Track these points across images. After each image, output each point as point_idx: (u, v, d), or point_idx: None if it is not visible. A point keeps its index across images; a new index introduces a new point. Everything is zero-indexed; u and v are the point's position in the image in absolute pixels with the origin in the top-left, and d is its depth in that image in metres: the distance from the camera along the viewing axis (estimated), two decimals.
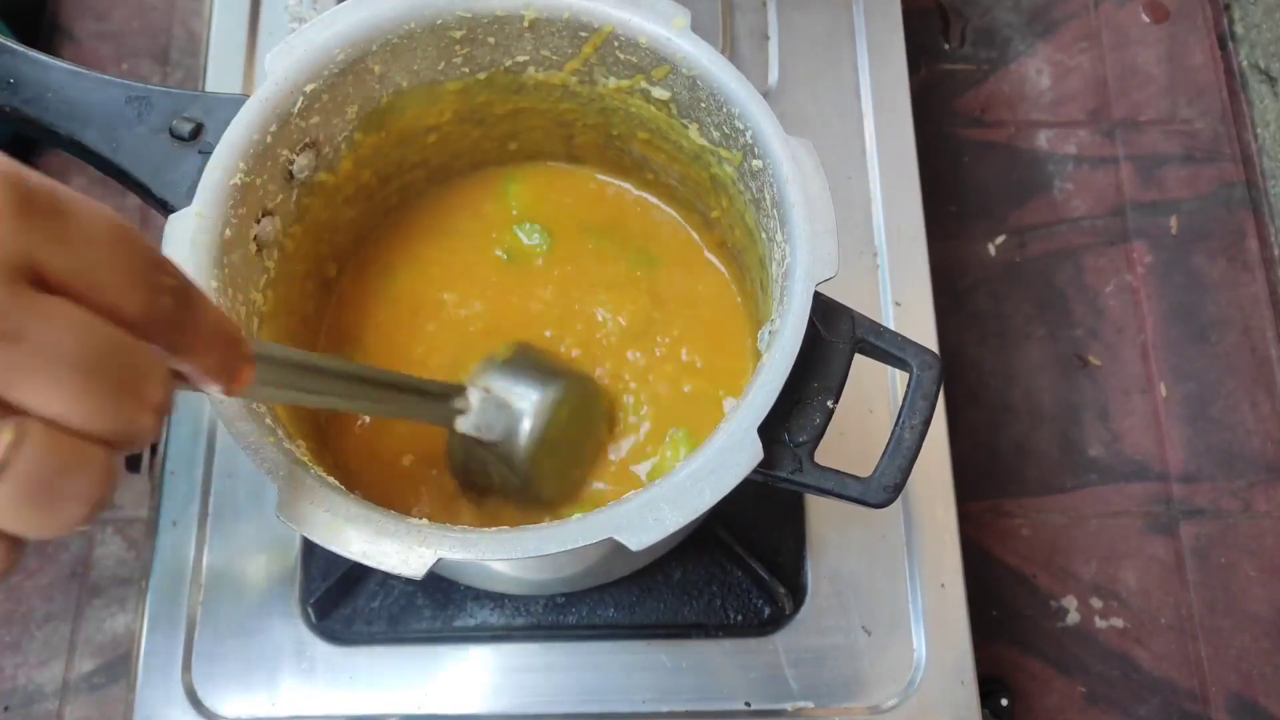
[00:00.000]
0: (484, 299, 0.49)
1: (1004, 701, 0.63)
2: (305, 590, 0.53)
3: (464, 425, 0.41)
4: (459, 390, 0.42)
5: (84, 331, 0.21)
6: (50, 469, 0.21)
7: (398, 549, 0.32)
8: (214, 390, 0.26)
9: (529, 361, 0.44)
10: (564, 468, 0.45)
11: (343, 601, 0.53)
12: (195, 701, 0.51)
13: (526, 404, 0.42)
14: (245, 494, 0.55)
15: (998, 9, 0.82)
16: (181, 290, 0.24)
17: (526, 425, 0.42)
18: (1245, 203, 0.76)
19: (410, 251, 0.50)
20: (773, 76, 0.64)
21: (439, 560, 0.32)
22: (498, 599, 0.53)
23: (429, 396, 0.41)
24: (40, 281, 0.20)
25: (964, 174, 0.77)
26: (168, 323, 0.23)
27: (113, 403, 0.21)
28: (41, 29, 0.78)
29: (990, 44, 0.81)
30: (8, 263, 0.20)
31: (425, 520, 0.33)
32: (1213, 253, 0.75)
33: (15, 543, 0.21)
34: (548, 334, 0.48)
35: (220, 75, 0.63)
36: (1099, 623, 0.66)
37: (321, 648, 0.52)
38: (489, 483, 0.44)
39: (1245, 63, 0.79)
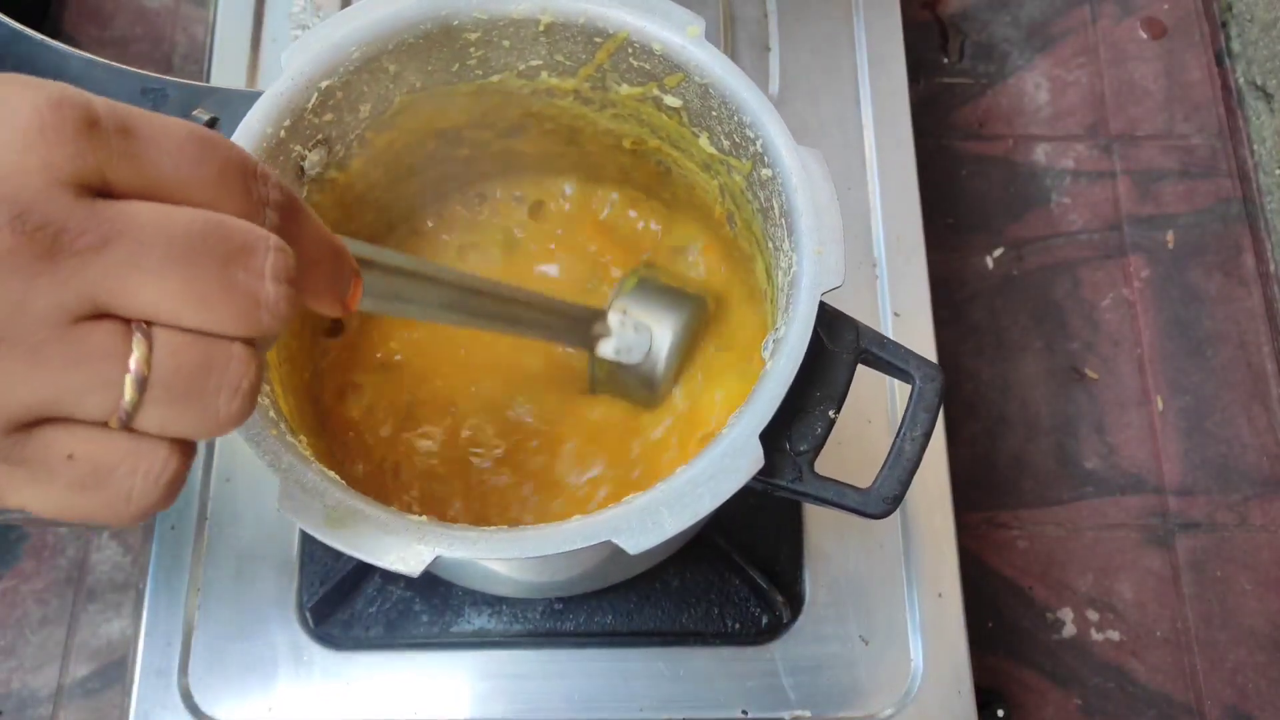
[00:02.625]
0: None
1: (1000, 712, 0.63)
2: (303, 595, 0.53)
3: (606, 349, 0.43)
4: (599, 314, 0.43)
5: (173, 219, 0.20)
6: (191, 369, 0.20)
7: (396, 545, 0.32)
8: (328, 310, 0.25)
9: (655, 285, 0.46)
10: (679, 374, 0.47)
11: (340, 606, 0.53)
12: (192, 706, 0.51)
13: (665, 327, 0.44)
14: (243, 498, 0.55)
15: (996, 24, 0.83)
16: (284, 201, 0.22)
17: (666, 346, 0.44)
18: (1241, 218, 0.77)
19: (419, 253, 0.50)
20: (773, 87, 0.65)
21: (437, 558, 0.32)
22: (495, 605, 0.53)
23: (568, 318, 0.42)
24: (118, 195, 0.20)
25: (962, 187, 0.78)
26: (275, 233, 0.22)
27: (224, 280, 0.20)
28: (44, 34, 0.78)
29: (989, 58, 0.82)
30: (78, 179, 0.19)
31: (424, 518, 0.33)
32: (1209, 267, 0.75)
33: (183, 444, 0.21)
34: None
35: (223, 83, 0.63)
36: (1095, 635, 0.66)
37: (319, 653, 0.52)
38: (625, 396, 0.46)
39: (1242, 79, 0.80)
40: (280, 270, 0.21)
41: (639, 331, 0.44)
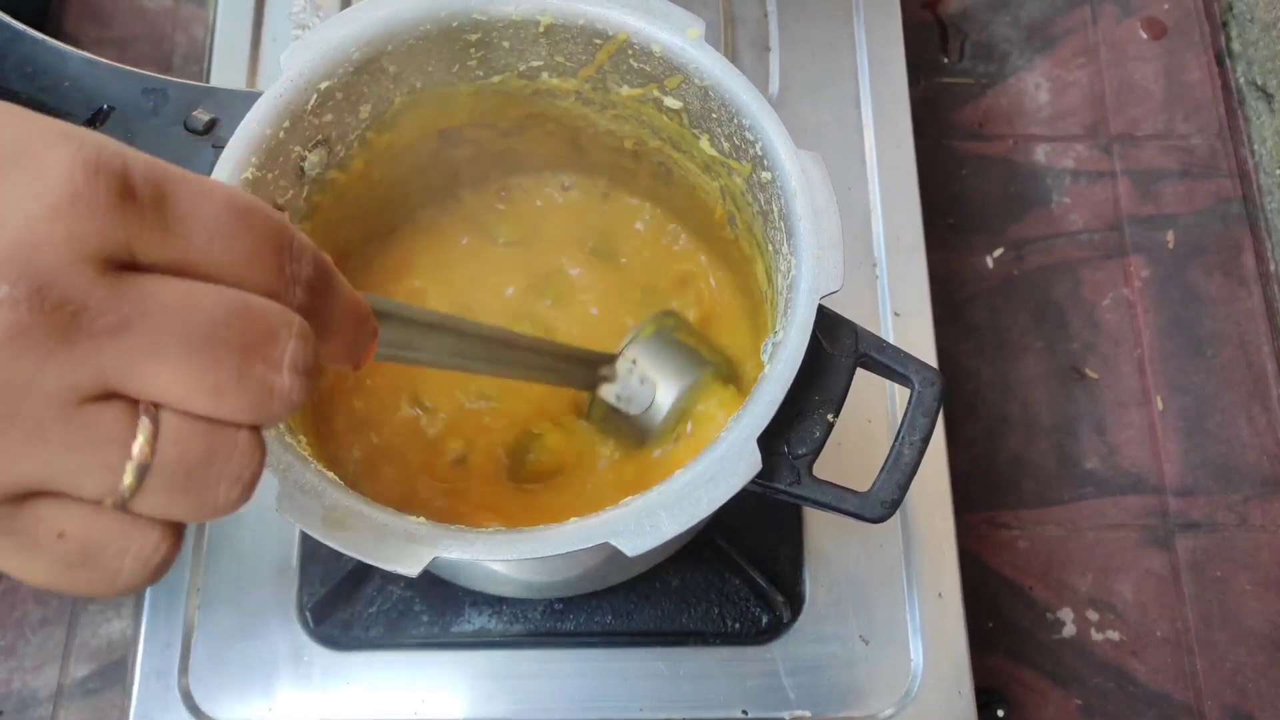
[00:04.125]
0: (490, 310, 0.49)
1: (1000, 713, 0.63)
2: (303, 595, 0.53)
3: (608, 394, 0.43)
4: (607, 359, 0.43)
5: (197, 303, 0.19)
6: (194, 458, 0.20)
7: (394, 546, 0.33)
8: (342, 368, 0.25)
9: (670, 340, 0.46)
10: (674, 433, 0.46)
11: (341, 607, 0.53)
12: (192, 706, 0.51)
13: (670, 386, 0.44)
14: None
15: (996, 24, 0.83)
16: (314, 277, 0.22)
17: (666, 406, 0.43)
18: (1242, 218, 0.77)
19: (419, 254, 0.50)
20: (773, 88, 0.65)
21: (435, 559, 0.32)
22: (495, 605, 0.53)
23: (574, 361, 0.42)
24: (144, 268, 0.19)
25: (962, 187, 0.77)
26: (302, 311, 0.21)
27: (240, 371, 0.20)
28: (45, 35, 0.78)
29: (989, 58, 0.81)
30: (105, 254, 0.18)
31: (423, 519, 0.33)
32: (1209, 267, 0.75)
33: (175, 527, 0.21)
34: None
35: (223, 83, 0.63)
36: (1095, 635, 0.66)
37: (319, 653, 0.52)
38: (615, 435, 0.45)
39: (1242, 79, 0.80)
40: (300, 361, 0.20)
41: (644, 384, 0.43)
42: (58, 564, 0.20)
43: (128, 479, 0.19)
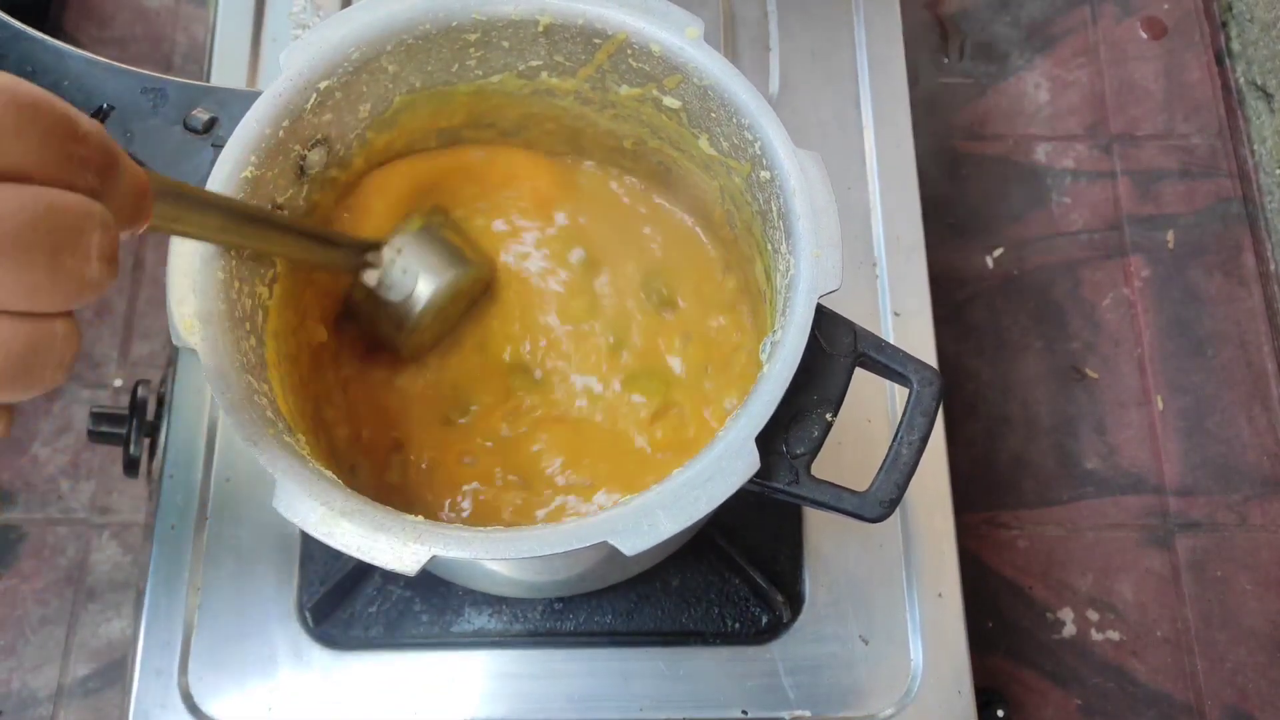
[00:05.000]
0: (490, 309, 0.49)
1: (1000, 713, 0.63)
2: (303, 595, 0.53)
3: (370, 279, 0.43)
4: (373, 245, 0.43)
5: (1, 205, 0.19)
6: (18, 354, 0.20)
7: (392, 544, 0.33)
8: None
9: (438, 234, 0.46)
10: (439, 332, 0.47)
11: (340, 606, 0.53)
12: (192, 706, 0.51)
13: (432, 277, 0.44)
14: (243, 498, 0.55)
15: (996, 24, 0.83)
16: (103, 158, 0.22)
17: (425, 295, 0.44)
18: (1241, 218, 0.77)
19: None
20: (773, 87, 0.65)
21: (433, 558, 0.32)
22: (495, 605, 0.53)
23: (339, 246, 0.42)
24: None
25: (962, 186, 0.78)
26: (90, 192, 0.21)
27: (53, 268, 0.20)
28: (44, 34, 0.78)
29: (989, 59, 0.81)
30: None
31: (421, 517, 0.33)
32: (1209, 267, 0.75)
33: (4, 410, 0.22)
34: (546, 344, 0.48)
35: (224, 82, 0.63)
36: (1095, 635, 0.66)
37: (319, 653, 0.52)
38: (372, 331, 0.46)
39: (1242, 79, 0.80)
40: (106, 248, 0.21)
41: (406, 274, 0.44)
42: None
43: None
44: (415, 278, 0.44)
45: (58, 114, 0.21)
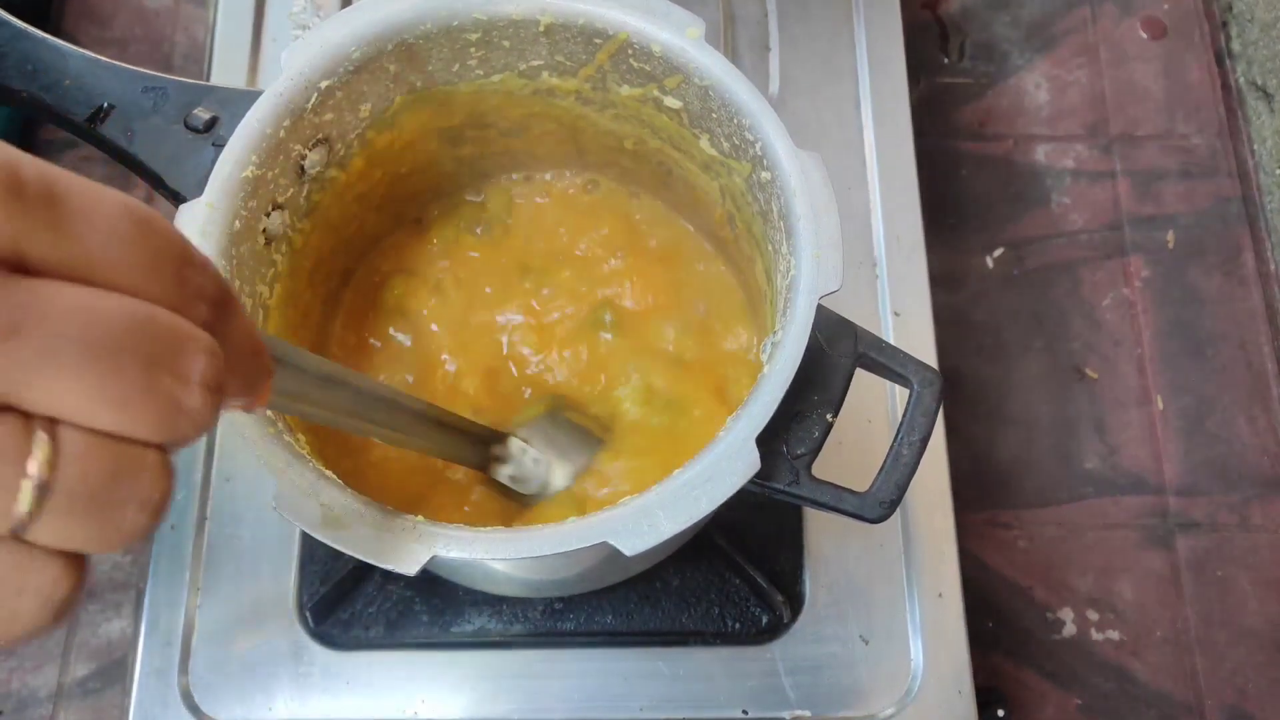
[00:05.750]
0: (490, 308, 0.49)
1: (1000, 712, 0.63)
2: (303, 595, 0.53)
3: (501, 475, 0.42)
4: (500, 437, 0.42)
5: (97, 307, 0.17)
6: (98, 479, 0.18)
7: (392, 545, 0.33)
8: (231, 407, 0.23)
9: (561, 420, 0.45)
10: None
11: (340, 606, 0.53)
12: (192, 706, 0.51)
13: (567, 464, 0.43)
14: (244, 498, 0.55)
15: (996, 24, 0.83)
16: (217, 295, 0.20)
17: (560, 484, 0.43)
18: (1242, 218, 0.77)
19: (418, 252, 0.50)
20: (773, 87, 0.65)
21: (433, 558, 0.32)
22: (495, 605, 0.53)
23: (468, 438, 0.40)
24: (35, 273, 0.17)
25: (962, 186, 0.77)
26: (200, 324, 0.19)
27: (147, 383, 0.18)
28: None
29: (989, 58, 0.81)
30: None
31: (421, 517, 0.33)
32: (1209, 268, 0.75)
33: (78, 560, 0.19)
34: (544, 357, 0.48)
35: (224, 82, 0.63)
36: (1095, 635, 0.66)
37: (319, 652, 0.52)
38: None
39: (1242, 79, 0.80)
40: (210, 377, 0.19)
41: (537, 465, 0.43)
42: None
43: (25, 502, 0.17)
44: (548, 467, 0.43)
45: (174, 234, 0.19)
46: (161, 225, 0.19)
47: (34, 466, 0.17)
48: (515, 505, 0.45)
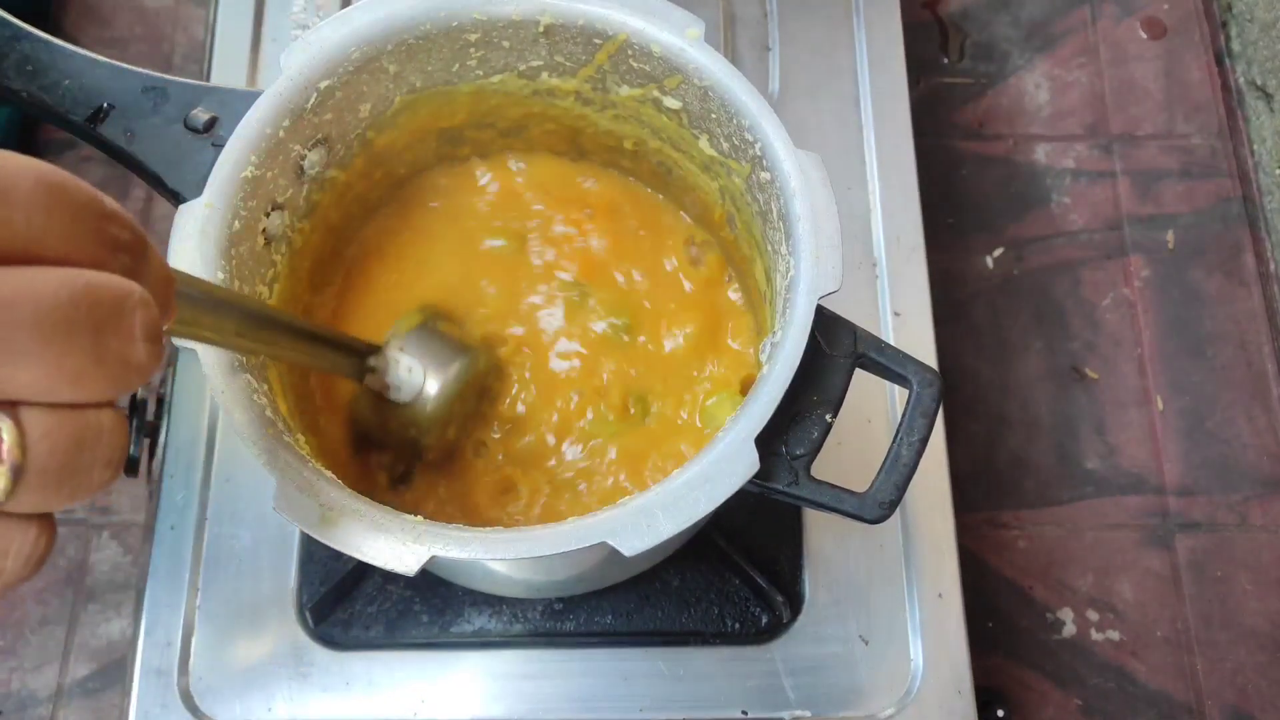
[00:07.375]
0: (489, 306, 0.49)
1: (1000, 713, 0.63)
2: (303, 595, 0.53)
3: (374, 382, 0.43)
4: (374, 349, 0.43)
5: (39, 289, 0.18)
6: (65, 450, 0.19)
7: (392, 545, 0.33)
8: None
9: (437, 329, 0.46)
10: (449, 428, 0.46)
11: (340, 606, 0.53)
12: (191, 706, 0.51)
13: (438, 372, 0.43)
14: (243, 498, 0.55)
15: (996, 24, 0.83)
16: (134, 240, 0.21)
17: (433, 391, 0.43)
18: (1242, 218, 0.77)
19: (418, 252, 0.50)
20: (773, 87, 0.65)
21: (433, 558, 0.32)
22: (495, 605, 0.53)
23: (342, 350, 0.41)
24: None
25: (962, 186, 0.77)
26: (124, 273, 0.20)
27: (97, 352, 0.19)
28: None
29: (989, 58, 0.81)
30: None
31: (421, 517, 0.33)
32: (1209, 267, 0.75)
33: (49, 518, 0.20)
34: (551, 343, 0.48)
35: (224, 82, 0.63)
36: (1095, 635, 0.66)
37: (319, 653, 0.52)
38: (383, 437, 0.45)
39: (1242, 79, 0.80)
40: (149, 327, 0.20)
41: (411, 373, 0.43)
42: None
43: (2, 482, 0.19)
44: (422, 374, 0.43)
45: (86, 192, 0.20)
46: (74, 185, 0.19)
47: (5, 451, 0.18)
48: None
